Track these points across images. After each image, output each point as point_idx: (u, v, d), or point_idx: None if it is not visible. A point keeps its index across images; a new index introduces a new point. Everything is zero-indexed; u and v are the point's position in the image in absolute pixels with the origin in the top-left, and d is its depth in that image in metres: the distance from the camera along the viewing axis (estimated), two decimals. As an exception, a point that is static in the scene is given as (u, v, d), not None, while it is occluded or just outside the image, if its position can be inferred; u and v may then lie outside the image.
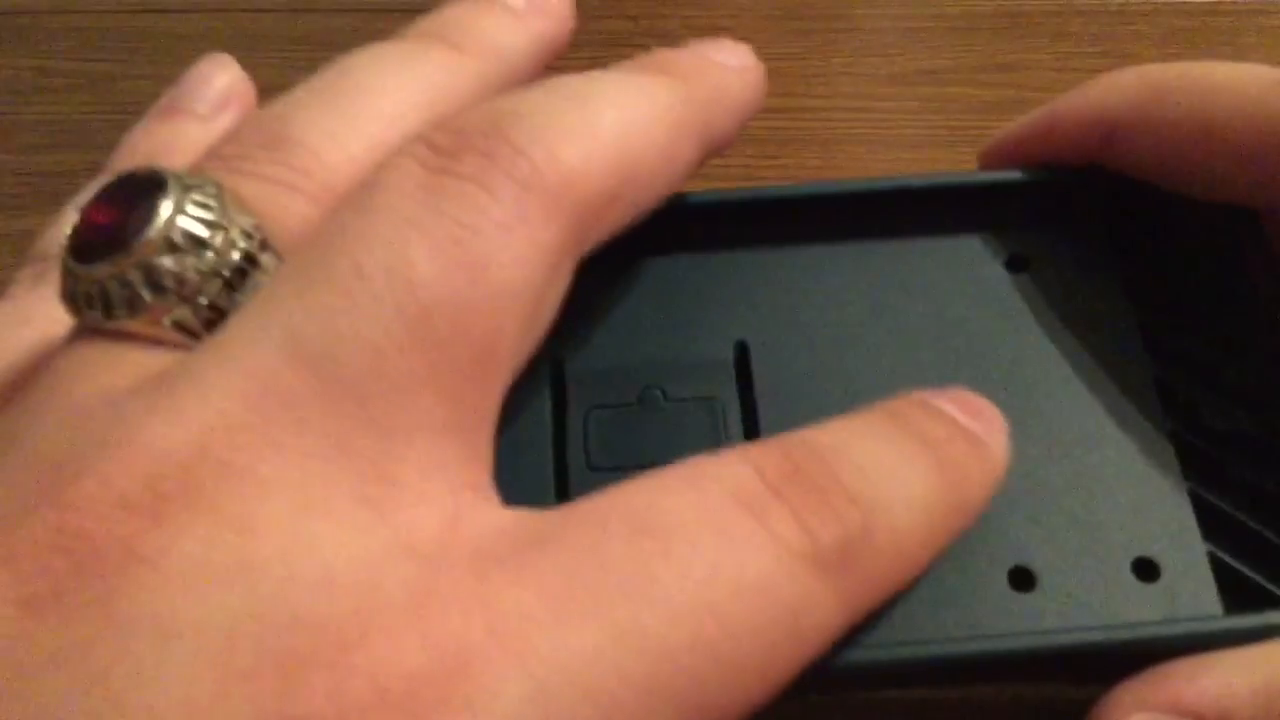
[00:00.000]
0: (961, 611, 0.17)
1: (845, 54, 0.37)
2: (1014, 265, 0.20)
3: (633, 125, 0.15)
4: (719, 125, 0.17)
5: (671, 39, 0.17)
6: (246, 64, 0.17)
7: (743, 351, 0.20)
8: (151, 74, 0.39)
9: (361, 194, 0.14)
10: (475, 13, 0.18)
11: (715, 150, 0.17)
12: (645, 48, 0.19)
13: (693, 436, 0.19)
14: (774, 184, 0.21)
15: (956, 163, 0.34)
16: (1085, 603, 0.17)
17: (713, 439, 0.19)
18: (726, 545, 0.12)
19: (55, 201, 0.21)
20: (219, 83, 0.19)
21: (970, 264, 0.20)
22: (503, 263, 0.13)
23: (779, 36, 0.38)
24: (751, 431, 0.19)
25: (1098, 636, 0.16)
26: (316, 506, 0.12)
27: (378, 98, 0.16)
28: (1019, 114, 0.21)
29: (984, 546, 0.17)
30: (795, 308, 0.20)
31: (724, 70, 0.17)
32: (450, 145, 0.14)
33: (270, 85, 0.19)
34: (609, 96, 0.15)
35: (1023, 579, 0.17)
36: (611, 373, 0.19)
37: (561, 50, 0.19)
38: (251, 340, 0.13)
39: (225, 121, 0.20)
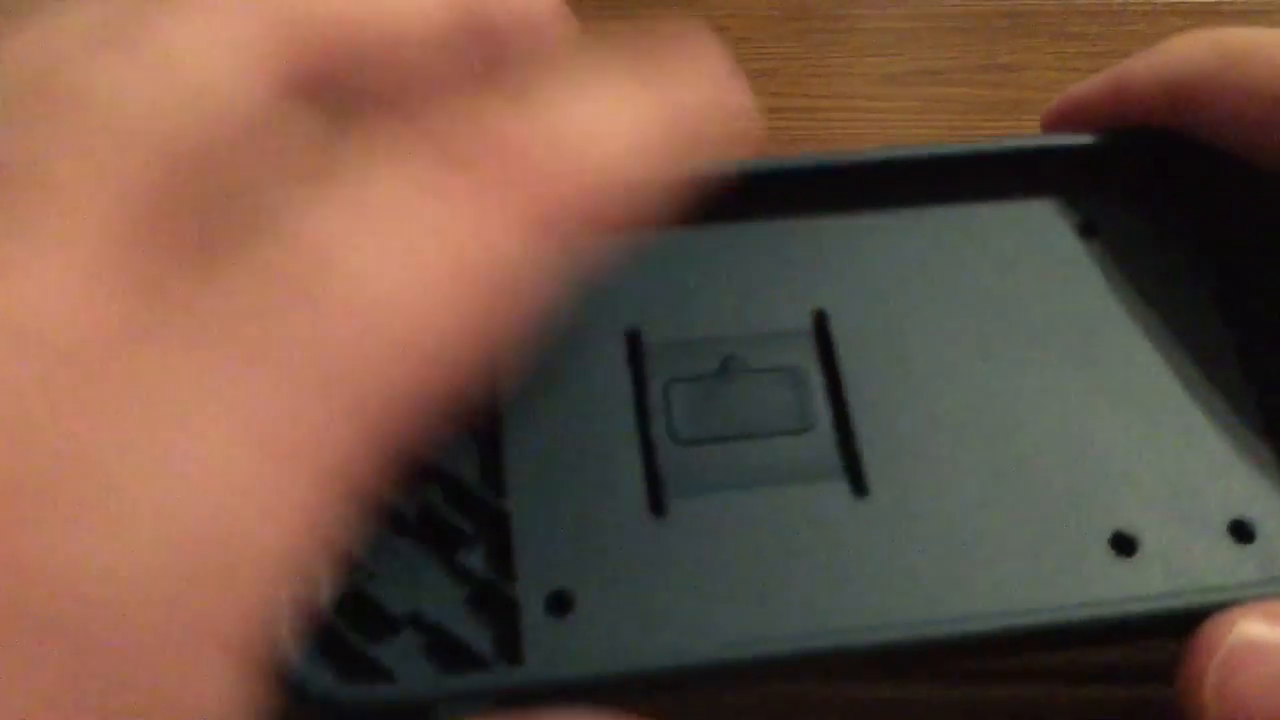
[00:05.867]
0: (1069, 579, 0.17)
1: (845, 54, 0.37)
2: (1086, 231, 0.20)
3: None
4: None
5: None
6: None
7: (821, 319, 0.20)
8: (150, 74, 0.38)
9: None
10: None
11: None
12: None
13: (775, 406, 0.19)
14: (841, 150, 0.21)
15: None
16: (1186, 567, 0.17)
17: (796, 407, 0.19)
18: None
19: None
20: None
21: (1042, 230, 0.20)
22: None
23: (779, 36, 0.38)
24: (837, 399, 0.19)
25: (1204, 599, 0.16)
26: None
27: None
28: (1019, 114, 0.21)
29: (1084, 514, 0.17)
30: (870, 274, 0.20)
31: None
32: None
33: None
34: None
35: (1124, 545, 0.17)
36: (690, 344, 0.19)
37: None
38: None
39: None
